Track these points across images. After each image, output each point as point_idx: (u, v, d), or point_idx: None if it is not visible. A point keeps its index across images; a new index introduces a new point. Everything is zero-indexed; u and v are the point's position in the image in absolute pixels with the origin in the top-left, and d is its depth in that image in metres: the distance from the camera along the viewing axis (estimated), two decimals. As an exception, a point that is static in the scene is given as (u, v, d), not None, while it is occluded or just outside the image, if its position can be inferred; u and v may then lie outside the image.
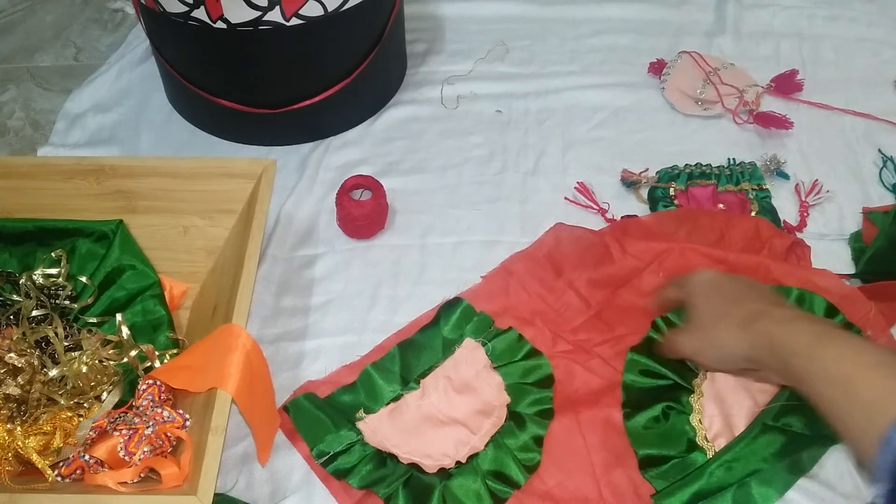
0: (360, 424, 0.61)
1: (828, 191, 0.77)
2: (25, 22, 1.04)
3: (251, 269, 0.61)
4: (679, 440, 0.60)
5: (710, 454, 0.60)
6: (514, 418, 0.62)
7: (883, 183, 0.79)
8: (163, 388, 0.59)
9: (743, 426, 0.60)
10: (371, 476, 0.59)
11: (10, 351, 0.61)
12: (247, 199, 0.68)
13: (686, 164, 0.79)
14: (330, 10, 0.74)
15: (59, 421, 0.59)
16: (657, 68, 0.90)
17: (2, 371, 0.60)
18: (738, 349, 0.55)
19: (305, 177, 0.81)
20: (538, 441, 0.61)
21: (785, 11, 0.97)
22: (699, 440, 0.60)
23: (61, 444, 0.58)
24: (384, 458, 0.60)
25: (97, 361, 0.62)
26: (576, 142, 0.84)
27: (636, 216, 0.75)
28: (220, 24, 0.73)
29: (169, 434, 0.57)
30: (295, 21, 0.73)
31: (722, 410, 0.61)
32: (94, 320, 0.67)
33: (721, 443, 0.60)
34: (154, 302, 0.67)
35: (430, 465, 0.59)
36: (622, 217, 0.75)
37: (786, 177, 0.79)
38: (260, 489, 0.60)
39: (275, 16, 0.72)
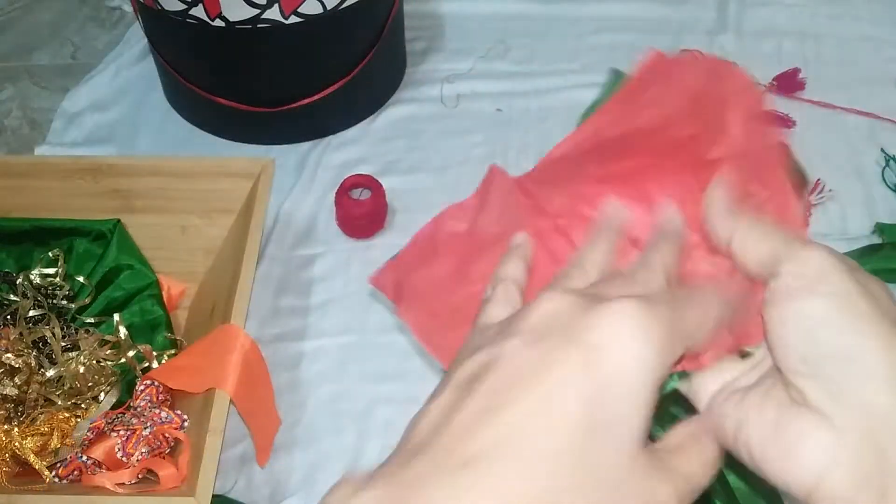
0: None
1: (830, 190, 0.77)
2: (23, 20, 1.03)
3: (250, 268, 0.61)
4: None
5: None
6: None
7: (886, 182, 0.78)
8: (161, 389, 0.59)
9: None
10: None
11: (7, 351, 0.60)
12: (245, 199, 0.68)
13: (687, 163, 0.79)
14: (329, 7, 0.74)
15: (56, 422, 0.59)
16: (658, 67, 0.90)
17: (-2, 371, 0.60)
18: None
19: (304, 176, 0.81)
20: None
21: (787, 9, 0.96)
22: None
23: (59, 445, 0.58)
24: None
25: (95, 362, 0.62)
26: (576, 140, 0.84)
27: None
28: (218, 23, 0.73)
29: (167, 435, 0.56)
30: (294, 19, 0.73)
31: None
32: (91, 320, 0.66)
33: None
34: (152, 302, 0.67)
35: None
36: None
37: (788, 176, 0.78)
38: (259, 490, 0.60)
39: (273, 14, 0.72)
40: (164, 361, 0.63)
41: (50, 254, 0.68)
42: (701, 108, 0.42)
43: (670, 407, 0.51)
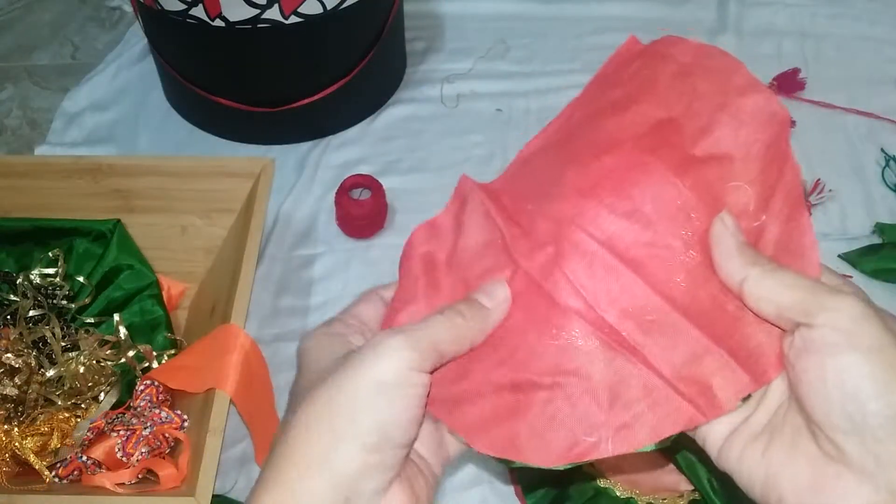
0: None
1: (830, 190, 0.77)
2: (23, 20, 1.03)
3: (249, 268, 0.61)
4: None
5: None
6: None
7: (886, 182, 0.78)
8: (161, 389, 0.59)
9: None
10: None
11: (7, 351, 0.60)
12: (245, 199, 0.68)
13: (687, 163, 0.79)
14: (329, 7, 0.74)
15: (56, 422, 0.59)
16: (658, 67, 0.89)
17: (-1, 371, 0.60)
18: None
19: (304, 176, 0.81)
20: None
21: (787, 9, 0.96)
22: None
23: (59, 445, 0.58)
24: None
25: (94, 362, 0.62)
26: (576, 140, 0.84)
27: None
28: (218, 23, 0.73)
29: (167, 435, 0.56)
30: (294, 19, 0.73)
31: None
32: (91, 320, 0.66)
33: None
34: (152, 302, 0.67)
35: None
36: None
37: (788, 176, 0.78)
38: (259, 490, 0.60)
39: (273, 14, 0.72)
40: (164, 361, 0.63)
41: (50, 254, 0.68)
42: (685, 87, 0.37)
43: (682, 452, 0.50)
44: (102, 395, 0.61)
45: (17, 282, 0.66)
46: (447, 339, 0.33)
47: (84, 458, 0.56)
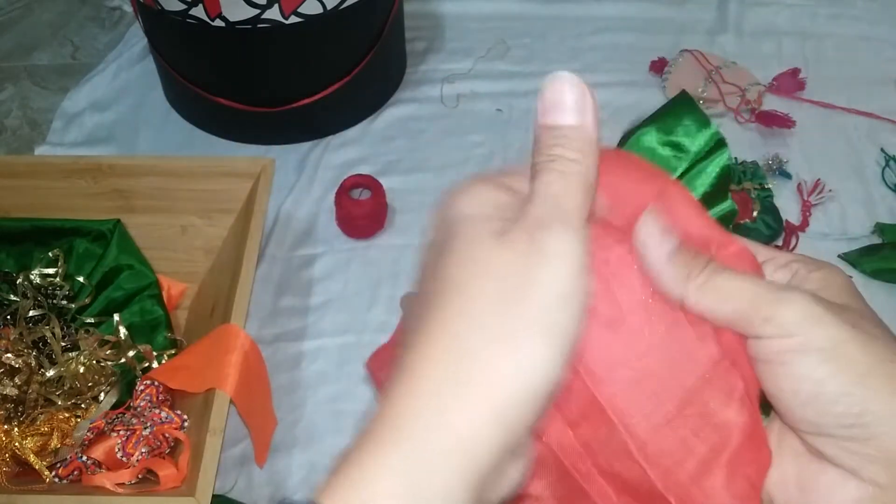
0: None
1: (830, 190, 0.77)
2: (23, 20, 1.03)
3: (250, 268, 0.61)
4: None
5: None
6: None
7: (885, 182, 0.78)
8: (161, 389, 0.59)
9: None
10: None
11: (7, 351, 0.60)
12: (245, 199, 0.68)
13: (687, 163, 0.79)
14: (329, 7, 0.74)
15: (56, 422, 0.59)
16: (658, 67, 0.90)
17: (-2, 371, 0.60)
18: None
19: (304, 176, 0.81)
20: None
21: (787, 10, 0.96)
22: None
23: (59, 445, 0.58)
24: None
25: (94, 362, 0.62)
26: (576, 141, 0.84)
27: None
28: (218, 23, 0.73)
29: (167, 435, 0.56)
30: (294, 19, 0.73)
31: None
32: (91, 320, 0.66)
33: None
34: (152, 302, 0.67)
35: None
36: None
37: (788, 176, 0.78)
38: (259, 490, 0.60)
39: (273, 14, 0.72)
40: (164, 361, 0.63)
41: (50, 254, 0.68)
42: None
43: None
44: (102, 395, 0.61)
45: (17, 282, 0.66)
46: (581, 193, 0.28)
47: (84, 458, 0.56)
